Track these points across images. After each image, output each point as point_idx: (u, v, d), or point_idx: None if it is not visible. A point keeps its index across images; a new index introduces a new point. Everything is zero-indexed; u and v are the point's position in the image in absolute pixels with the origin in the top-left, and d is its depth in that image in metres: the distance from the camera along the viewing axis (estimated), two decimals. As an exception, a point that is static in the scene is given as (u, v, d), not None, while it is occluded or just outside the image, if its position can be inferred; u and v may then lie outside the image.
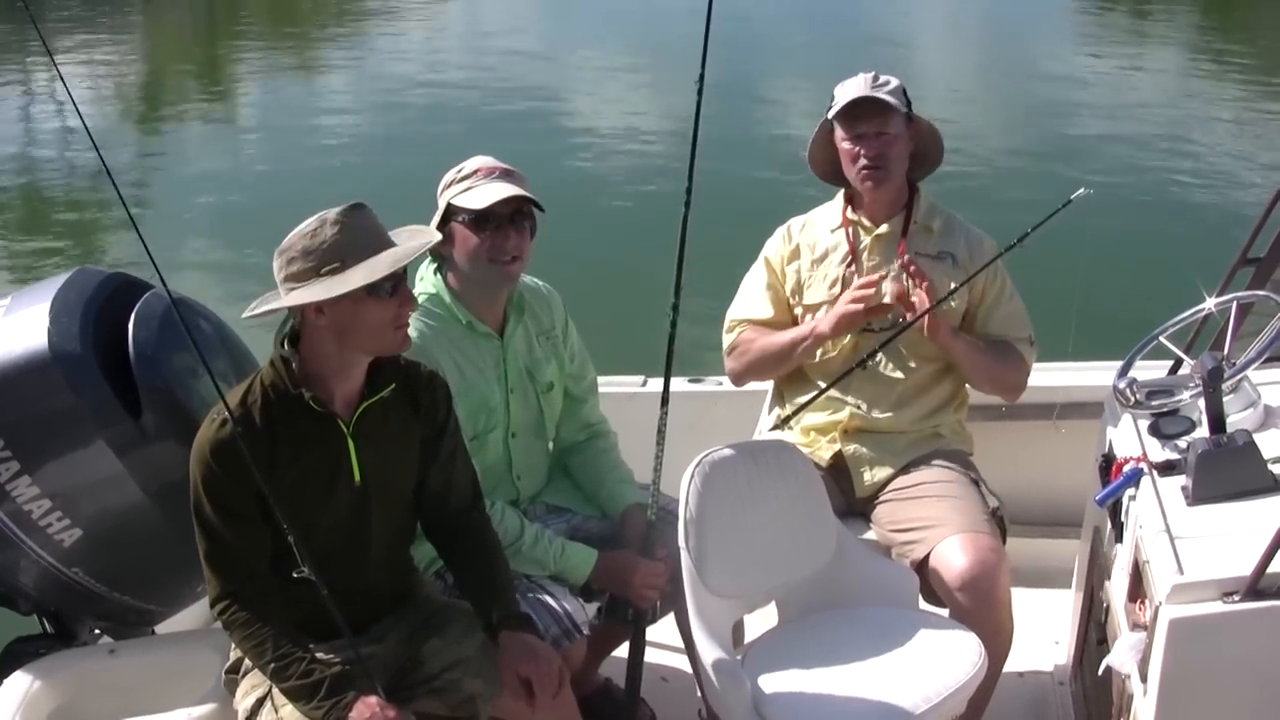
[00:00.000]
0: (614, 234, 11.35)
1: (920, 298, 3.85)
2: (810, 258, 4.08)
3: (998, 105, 16.91)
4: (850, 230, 4.06)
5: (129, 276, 3.70)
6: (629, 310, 8.49)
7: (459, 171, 3.62)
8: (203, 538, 3.02)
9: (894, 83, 3.96)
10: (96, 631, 3.90)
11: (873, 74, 3.97)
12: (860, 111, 3.90)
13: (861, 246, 4.03)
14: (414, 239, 3.08)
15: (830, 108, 3.97)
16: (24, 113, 19.74)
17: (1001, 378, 4.05)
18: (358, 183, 12.67)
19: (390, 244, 2.99)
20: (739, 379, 4.23)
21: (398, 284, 2.97)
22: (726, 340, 4.22)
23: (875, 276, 3.88)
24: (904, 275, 3.93)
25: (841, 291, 3.98)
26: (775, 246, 4.16)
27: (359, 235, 2.95)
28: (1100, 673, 3.26)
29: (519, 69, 20.42)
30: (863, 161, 3.93)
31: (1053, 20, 24.99)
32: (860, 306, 3.86)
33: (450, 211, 3.58)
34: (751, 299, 4.19)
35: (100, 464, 3.37)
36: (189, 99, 20.43)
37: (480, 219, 3.53)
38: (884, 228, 4.02)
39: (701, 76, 3.51)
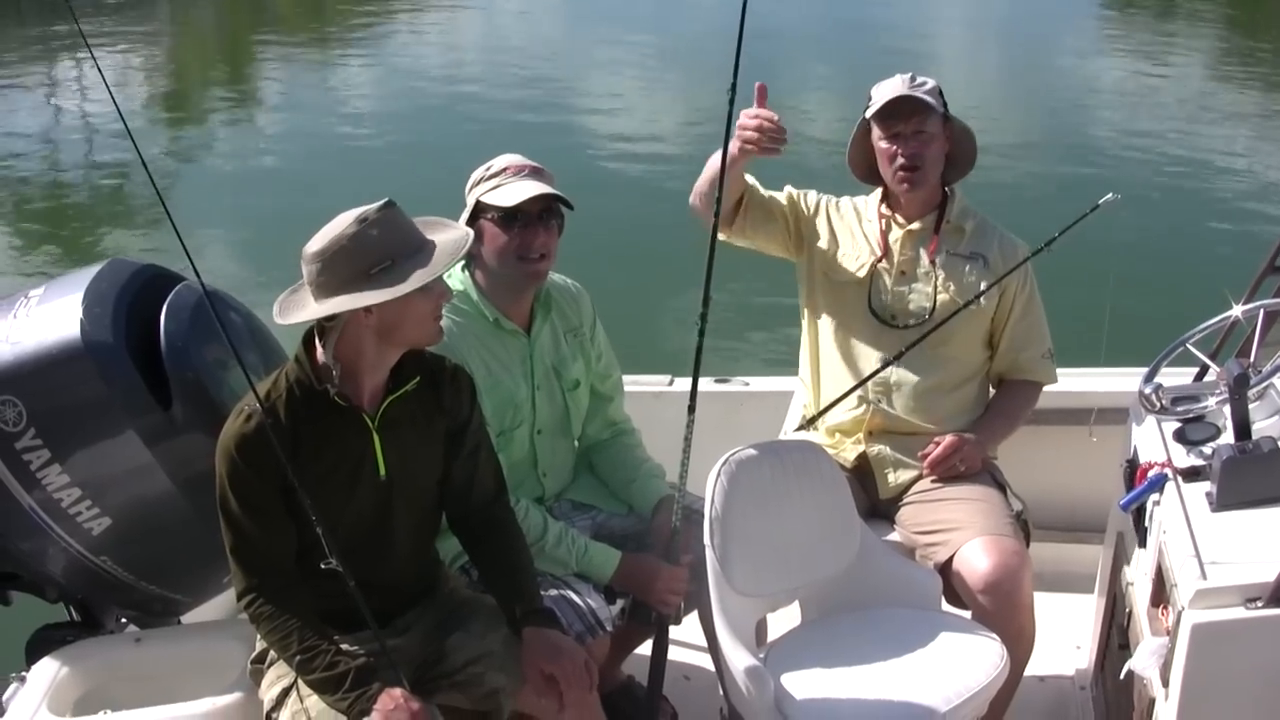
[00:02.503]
0: (642, 233, 11.34)
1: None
2: (845, 228, 4.10)
3: (1025, 110, 16.85)
4: (884, 222, 4.07)
5: (161, 268, 3.72)
6: (656, 310, 8.52)
7: (488, 169, 3.64)
8: (228, 531, 3.04)
9: (931, 83, 3.97)
10: (123, 620, 3.92)
11: (910, 75, 3.97)
12: (898, 111, 3.90)
13: (893, 239, 4.04)
14: (443, 231, 3.09)
15: (868, 107, 3.98)
16: (55, 105, 19.86)
17: (1022, 420, 4.14)
18: (384, 179, 12.68)
19: (425, 238, 3.01)
20: (693, 204, 4.00)
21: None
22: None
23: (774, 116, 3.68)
24: (936, 274, 3.96)
25: (870, 283, 4.00)
26: (814, 194, 4.16)
27: (401, 233, 2.97)
28: (1122, 677, 3.26)
29: (548, 69, 20.45)
30: (900, 161, 3.93)
31: (1078, 23, 24.91)
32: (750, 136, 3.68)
33: (479, 209, 3.60)
34: None
35: (130, 454, 3.39)
36: (214, 93, 20.52)
37: (509, 216, 3.55)
38: (917, 224, 4.04)
39: (734, 86, 3.51)
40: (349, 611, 2.97)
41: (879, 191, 4.13)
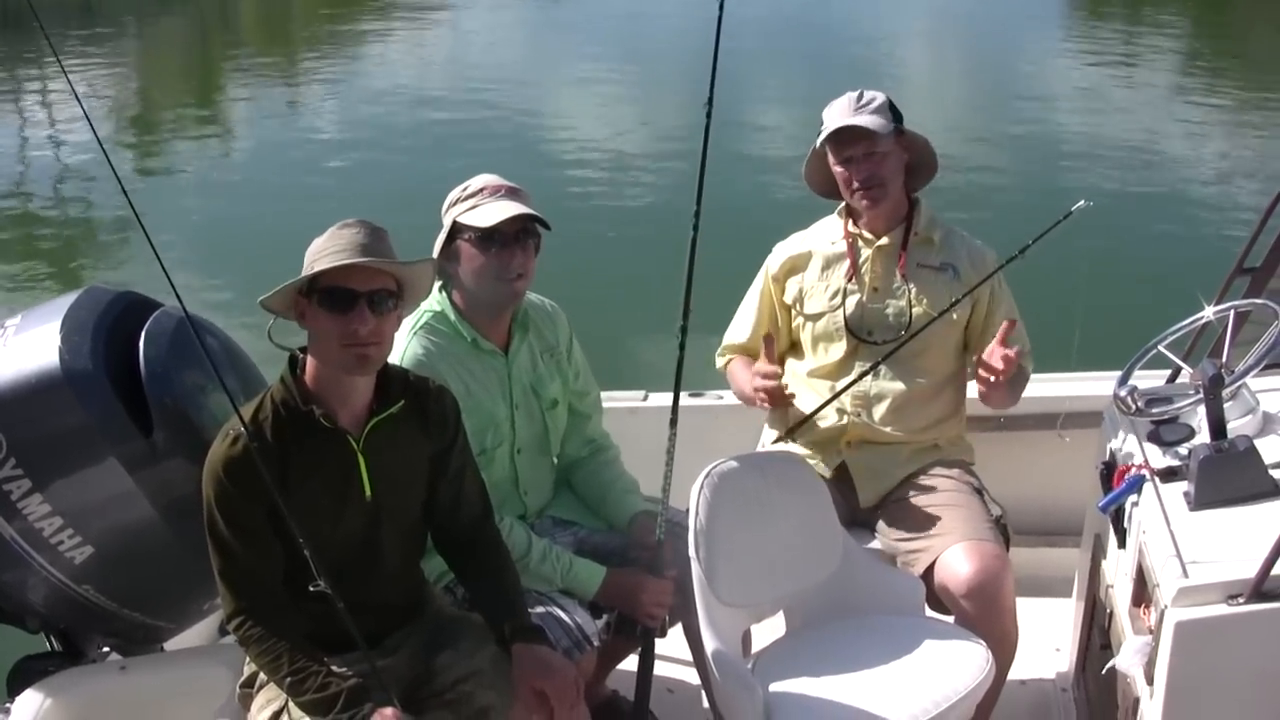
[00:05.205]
0: (615, 250, 11.36)
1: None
2: (813, 268, 4.12)
3: (994, 118, 16.90)
4: (851, 243, 4.09)
5: (139, 295, 3.71)
6: (631, 326, 8.53)
7: (464, 189, 3.64)
8: (217, 554, 3.03)
9: (879, 99, 3.97)
10: (104, 649, 3.90)
11: (857, 93, 3.98)
12: (845, 137, 3.93)
13: (862, 260, 4.07)
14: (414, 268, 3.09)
15: (820, 131, 4.00)
16: (23, 128, 19.71)
17: (1014, 399, 4.09)
18: (357, 199, 12.63)
19: (367, 246, 2.98)
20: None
21: (354, 304, 2.96)
22: (718, 363, 4.35)
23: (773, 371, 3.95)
24: (908, 289, 3.99)
25: (843, 302, 4.02)
26: (777, 259, 4.20)
27: (344, 240, 2.97)
28: (1104, 674, 3.29)
29: (522, 87, 20.36)
30: (855, 184, 3.96)
31: (1046, 31, 25.04)
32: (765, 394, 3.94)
33: (456, 229, 3.61)
34: (738, 322, 4.31)
35: (111, 481, 3.37)
36: (183, 115, 20.35)
37: (486, 237, 3.55)
38: (885, 240, 4.06)
39: (710, 100, 3.53)
40: (337, 633, 2.96)
41: (841, 208, 4.16)
